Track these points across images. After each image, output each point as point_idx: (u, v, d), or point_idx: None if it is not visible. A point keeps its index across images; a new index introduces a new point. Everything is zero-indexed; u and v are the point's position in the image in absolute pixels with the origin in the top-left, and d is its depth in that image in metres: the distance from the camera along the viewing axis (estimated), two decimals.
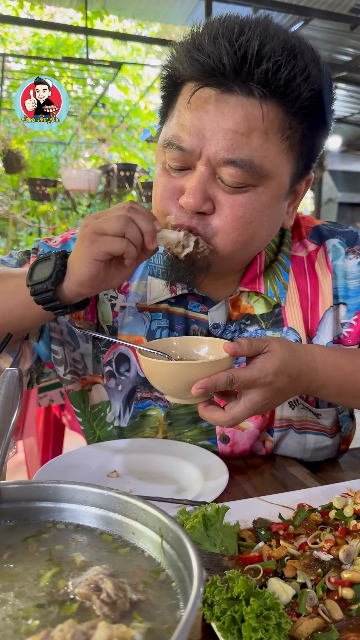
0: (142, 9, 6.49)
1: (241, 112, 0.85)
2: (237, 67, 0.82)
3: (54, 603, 0.44)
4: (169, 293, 1.09)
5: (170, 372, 0.86)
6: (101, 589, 0.44)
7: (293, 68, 0.83)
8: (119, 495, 0.53)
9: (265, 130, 0.86)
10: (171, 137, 0.90)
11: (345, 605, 0.64)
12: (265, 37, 0.83)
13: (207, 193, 0.89)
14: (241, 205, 0.90)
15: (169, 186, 0.93)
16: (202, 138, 0.87)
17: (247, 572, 0.68)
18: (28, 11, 7.04)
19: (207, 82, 0.85)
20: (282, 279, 1.09)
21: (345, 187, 12.11)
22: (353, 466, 1.14)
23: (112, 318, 1.13)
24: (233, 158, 0.86)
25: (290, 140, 0.90)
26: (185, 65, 0.87)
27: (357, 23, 6.45)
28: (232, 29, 0.83)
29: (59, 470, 0.99)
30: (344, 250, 1.12)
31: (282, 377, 0.86)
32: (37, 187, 6.48)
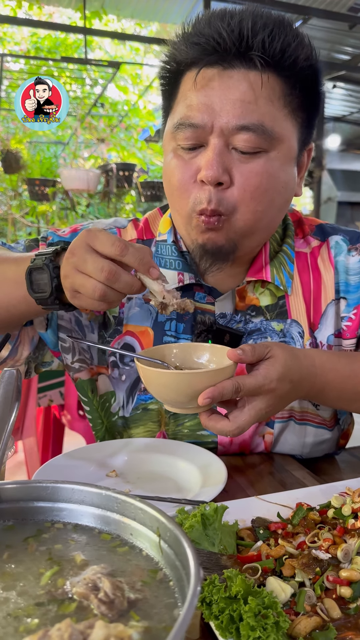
0: (140, 9, 6.49)
1: (245, 83, 0.91)
2: (236, 41, 0.89)
3: (53, 602, 0.45)
4: (176, 283, 1.10)
5: (171, 381, 0.83)
6: (99, 588, 0.44)
7: (286, 36, 0.91)
8: (116, 494, 0.53)
9: (269, 97, 0.92)
10: (181, 119, 0.94)
11: (344, 604, 0.64)
12: (256, 16, 0.91)
13: (224, 164, 0.93)
14: (257, 174, 0.93)
15: (184, 169, 0.96)
16: (211, 112, 0.91)
17: (246, 571, 0.68)
18: (26, 11, 7.04)
19: (209, 61, 0.91)
20: (288, 268, 1.12)
21: (345, 186, 12.12)
22: (352, 465, 1.14)
23: (119, 309, 1.15)
24: (245, 123, 0.91)
25: (291, 106, 0.96)
26: (186, 50, 0.93)
27: (356, 22, 6.45)
28: (225, 14, 0.91)
29: (58, 469, 0.99)
30: (346, 247, 1.15)
31: (284, 383, 0.86)
32: (36, 187, 6.49)
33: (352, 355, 1.01)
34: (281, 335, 1.10)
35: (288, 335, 1.10)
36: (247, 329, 1.10)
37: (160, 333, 1.12)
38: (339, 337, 1.13)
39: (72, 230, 1.19)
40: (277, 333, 1.10)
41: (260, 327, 1.10)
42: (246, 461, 1.10)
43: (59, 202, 7.07)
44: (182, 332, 1.11)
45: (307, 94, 0.98)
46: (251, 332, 1.10)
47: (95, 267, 0.80)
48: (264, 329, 1.10)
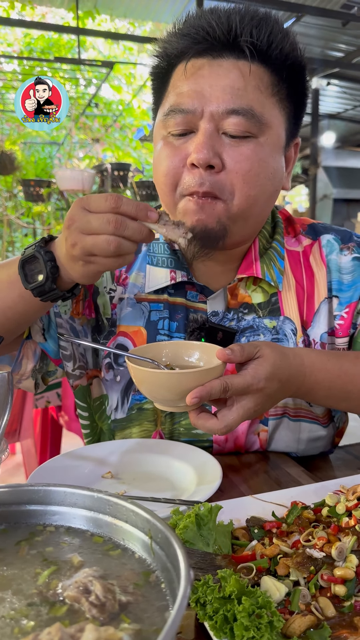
0: (133, 8, 6.49)
1: (234, 71, 0.94)
2: (225, 31, 0.93)
3: (45, 603, 0.45)
4: (168, 280, 1.10)
5: (161, 381, 0.84)
6: (90, 591, 0.44)
7: (272, 28, 0.94)
8: (108, 497, 0.53)
9: (257, 85, 0.95)
10: (171, 106, 0.96)
11: (338, 602, 0.64)
12: (244, 11, 0.95)
13: (214, 147, 0.94)
14: (248, 158, 0.95)
15: (173, 154, 0.97)
16: (202, 97, 0.94)
17: (240, 571, 0.68)
18: (19, 12, 7.02)
19: (199, 50, 0.94)
20: (278, 265, 1.12)
21: (340, 183, 12.13)
22: (347, 463, 1.14)
23: (111, 310, 1.15)
24: (235, 107, 0.93)
25: (279, 95, 0.98)
26: (176, 41, 0.96)
27: (349, 19, 6.44)
28: (215, 9, 0.96)
29: (53, 471, 0.99)
30: (338, 246, 1.16)
31: (273, 383, 0.87)
32: (31, 188, 6.47)
33: (341, 354, 1.02)
34: (274, 333, 1.10)
35: (281, 333, 1.10)
36: (240, 327, 1.10)
37: (153, 332, 1.12)
38: (332, 335, 1.13)
39: None
40: (269, 330, 1.10)
41: (252, 324, 1.10)
42: (241, 460, 1.10)
43: (55, 203, 7.06)
44: (175, 330, 1.12)
45: (293, 87, 1.00)
46: (244, 329, 1.10)
47: (101, 222, 0.80)
48: (257, 326, 1.10)
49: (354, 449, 1.21)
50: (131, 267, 1.16)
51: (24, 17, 7.13)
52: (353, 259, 1.14)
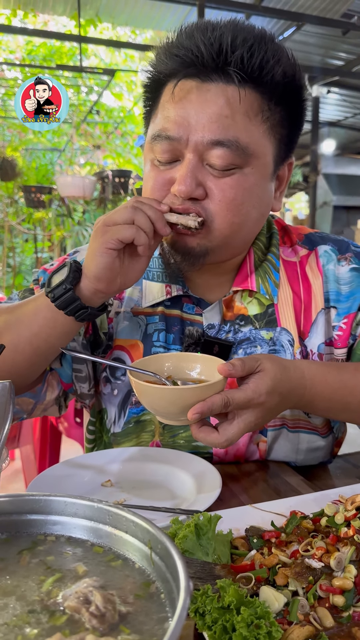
0: (135, 16, 6.54)
1: (222, 97, 0.90)
2: (215, 55, 0.89)
3: (45, 613, 0.45)
4: (164, 295, 1.11)
5: (163, 395, 0.85)
6: (90, 602, 0.44)
7: (265, 52, 0.90)
8: (108, 507, 0.54)
9: (246, 112, 0.92)
10: (158, 130, 0.95)
11: (337, 613, 0.64)
12: (236, 30, 0.90)
13: (197, 179, 0.93)
14: (232, 187, 0.94)
15: (159, 179, 0.97)
16: (187, 125, 0.91)
17: (239, 581, 0.68)
18: (21, 19, 7.07)
19: (187, 73, 0.91)
20: (273, 278, 1.12)
21: (340, 190, 12.17)
22: (346, 472, 1.15)
23: (108, 324, 1.16)
24: (220, 138, 0.91)
25: (270, 122, 0.95)
26: (166, 61, 0.94)
27: (349, 28, 6.49)
28: (206, 27, 0.91)
29: (53, 480, 0.99)
30: (335, 257, 1.16)
31: (274, 396, 0.87)
32: (32, 194, 6.50)
33: (341, 366, 1.02)
34: (271, 344, 1.10)
35: (278, 344, 1.10)
36: (237, 339, 1.10)
37: (149, 345, 1.12)
38: (330, 346, 1.13)
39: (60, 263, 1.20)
40: (266, 342, 1.10)
41: (249, 336, 1.10)
42: (241, 469, 1.10)
43: (55, 209, 7.08)
44: (172, 342, 1.12)
45: (288, 110, 0.97)
46: (241, 341, 1.10)
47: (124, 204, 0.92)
48: (253, 338, 1.10)
49: (353, 458, 1.21)
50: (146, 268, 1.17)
51: (26, 25, 7.18)
52: (351, 269, 1.14)
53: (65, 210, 7.06)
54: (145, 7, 6.23)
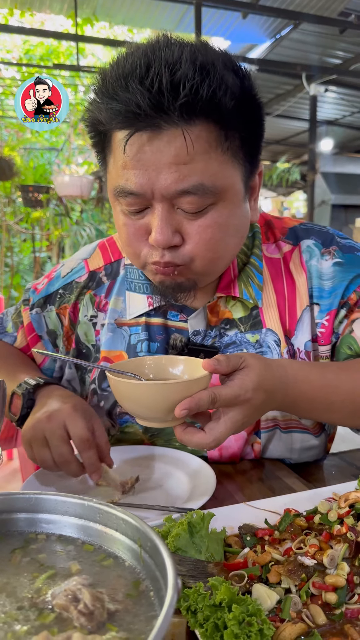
0: (132, 15, 6.53)
1: (176, 143, 0.85)
2: (157, 104, 0.81)
3: (34, 611, 0.45)
4: (146, 306, 1.11)
5: (145, 393, 0.81)
6: (79, 600, 0.44)
7: (210, 85, 0.82)
8: (99, 505, 0.53)
9: (204, 151, 0.86)
10: (120, 186, 0.90)
11: (329, 610, 0.64)
12: (174, 63, 0.81)
13: (173, 226, 0.90)
14: (208, 227, 0.91)
15: (133, 229, 0.94)
16: (148, 179, 0.87)
17: (232, 579, 0.68)
18: (18, 18, 7.06)
19: (135, 128, 0.85)
20: (256, 281, 1.10)
21: (338, 189, 12.17)
22: (341, 469, 1.14)
23: (95, 337, 1.16)
24: (185, 187, 0.87)
25: (231, 150, 0.90)
26: (107, 117, 0.87)
27: (346, 26, 6.49)
28: (139, 66, 0.82)
29: (48, 478, 0.99)
30: (318, 251, 1.13)
31: (259, 393, 0.85)
32: (29, 193, 6.50)
33: (324, 365, 1.01)
34: (257, 346, 1.09)
35: (264, 345, 1.09)
36: (223, 343, 1.09)
37: (133, 355, 1.12)
38: (315, 343, 1.12)
39: (49, 280, 1.24)
40: (252, 345, 1.09)
41: (235, 339, 1.09)
42: (236, 467, 1.10)
43: (53, 209, 7.08)
44: (156, 351, 1.11)
45: (246, 128, 0.92)
46: (227, 345, 1.09)
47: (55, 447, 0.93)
48: (239, 342, 1.09)
49: (348, 456, 1.21)
50: (110, 292, 1.16)
51: (23, 24, 7.18)
52: (334, 264, 1.11)
53: (63, 209, 7.05)
54: (142, 6, 6.22)
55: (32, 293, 1.23)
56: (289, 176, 10.91)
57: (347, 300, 1.09)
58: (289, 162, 12.43)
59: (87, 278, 1.19)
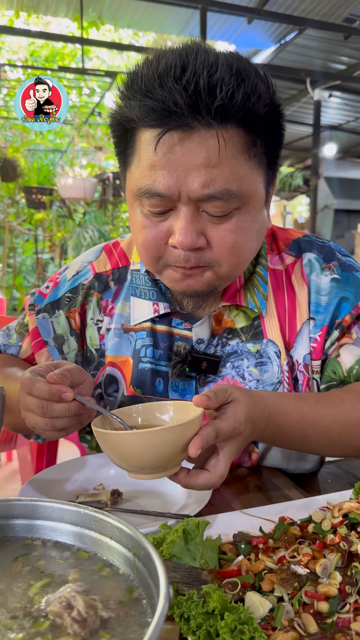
0: (137, 19, 6.55)
1: (207, 145, 0.85)
2: (193, 104, 0.82)
3: (29, 618, 0.46)
4: (151, 313, 1.11)
5: (140, 442, 0.75)
6: (73, 607, 0.45)
7: (245, 91, 0.84)
8: (94, 513, 0.54)
9: (233, 155, 0.87)
10: (146, 186, 0.89)
11: (321, 619, 0.65)
12: (211, 66, 0.82)
13: (197, 228, 0.91)
14: (232, 232, 0.92)
15: (154, 231, 0.94)
16: (177, 180, 0.87)
17: (225, 586, 0.69)
18: (25, 20, 7.10)
19: (168, 127, 0.85)
20: (262, 290, 1.11)
21: (341, 194, 12.18)
22: (337, 477, 1.15)
23: (99, 341, 1.16)
24: (212, 192, 0.87)
25: (257, 157, 0.92)
26: (140, 114, 0.86)
27: (351, 32, 6.51)
28: (175, 66, 0.82)
29: (45, 483, 1.00)
30: (319, 266, 1.14)
31: (249, 424, 0.86)
32: (33, 195, 6.52)
33: (302, 397, 1.01)
34: (257, 356, 1.10)
35: (265, 356, 1.09)
36: (224, 352, 1.10)
37: (137, 360, 1.12)
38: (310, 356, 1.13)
39: (54, 285, 1.23)
40: (253, 355, 1.10)
41: (236, 349, 1.10)
42: (233, 474, 1.11)
43: (56, 210, 7.10)
44: (159, 358, 1.12)
45: (269, 137, 0.94)
46: (228, 354, 1.10)
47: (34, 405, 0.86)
48: (240, 351, 1.10)
49: (345, 464, 1.22)
50: (117, 297, 1.16)
51: (29, 26, 7.21)
52: (331, 280, 1.12)
53: (65, 211, 7.08)
54: (147, 10, 6.24)
55: (39, 298, 1.23)
56: (291, 181, 10.93)
57: (342, 322, 1.10)
58: (292, 166, 12.44)
59: (93, 279, 1.18)
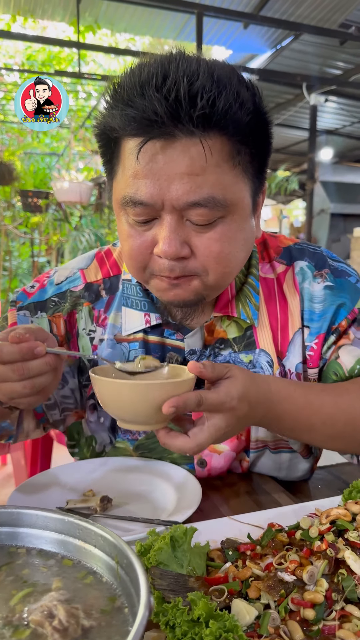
0: (134, 23, 6.58)
1: (190, 153, 0.85)
2: (174, 112, 0.81)
3: (9, 627, 0.46)
4: (143, 324, 1.10)
5: (130, 392, 0.81)
6: (54, 616, 0.45)
7: (227, 98, 0.83)
8: (78, 521, 0.54)
9: (217, 163, 0.87)
10: (129, 195, 0.89)
11: (307, 626, 0.65)
12: (192, 74, 0.82)
13: (181, 237, 0.90)
14: (217, 241, 0.91)
15: (139, 241, 0.93)
16: (160, 188, 0.86)
17: (212, 593, 0.69)
18: (21, 24, 7.11)
19: (150, 135, 0.84)
20: (253, 301, 1.10)
21: (337, 198, 12.22)
22: (328, 483, 1.15)
23: (92, 352, 1.15)
24: (196, 199, 0.86)
25: (242, 165, 0.91)
26: (121, 123, 0.86)
27: (347, 38, 6.55)
28: (156, 75, 0.82)
29: (35, 489, 1.00)
30: (311, 274, 1.13)
31: (243, 404, 0.86)
32: (29, 198, 6.52)
33: (307, 386, 1.02)
34: (250, 367, 1.09)
35: (257, 366, 1.09)
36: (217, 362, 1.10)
37: None
38: (305, 365, 1.12)
39: (40, 286, 1.20)
40: (245, 365, 1.09)
41: (229, 359, 1.09)
42: (223, 480, 1.11)
43: (52, 214, 7.10)
44: None
45: (256, 144, 0.92)
46: None
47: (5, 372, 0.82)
48: (233, 362, 1.09)
49: (335, 469, 1.22)
50: (109, 307, 1.15)
51: (26, 30, 7.22)
52: (325, 287, 1.12)
53: (61, 214, 7.08)
54: (144, 15, 6.27)
55: (22, 296, 1.20)
56: (287, 185, 10.96)
57: (338, 327, 1.10)
58: (288, 170, 12.49)
59: (83, 289, 1.17)
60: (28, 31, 7.11)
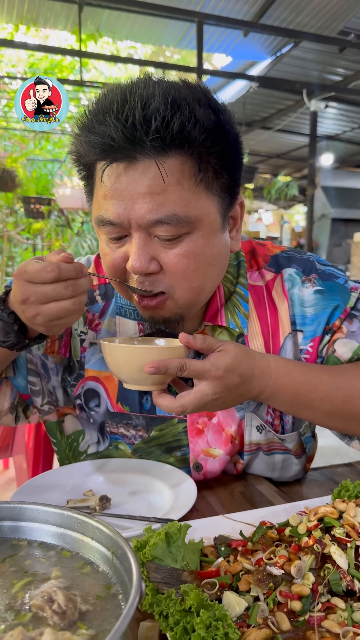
0: (135, 32, 6.65)
1: (150, 174, 0.89)
2: (130, 137, 0.86)
3: (12, 612, 0.49)
4: (137, 333, 1.14)
5: (126, 355, 0.93)
6: (54, 600, 0.49)
7: (180, 119, 0.86)
8: (77, 515, 0.58)
9: (177, 181, 0.90)
10: (99, 216, 0.95)
11: (294, 617, 0.69)
12: (148, 98, 0.86)
13: (149, 254, 0.94)
14: (183, 257, 0.94)
15: (114, 256, 0.98)
16: (125, 208, 0.91)
17: (204, 586, 0.73)
18: (24, 33, 7.18)
19: (112, 159, 0.89)
20: (242, 310, 1.13)
21: (338, 203, 12.29)
22: (320, 484, 1.19)
23: (80, 353, 1.18)
24: (159, 217, 0.90)
25: (205, 182, 0.93)
26: (85, 149, 0.92)
27: (346, 45, 6.61)
28: (116, 102, 0.87)
29: (36, 489, 1.03)
30: (299, 280, 1.16)
31: (233, 375, 0.92)
32: (31, 205, 6.58)
33: (307, 364, 1.06)
34: None
35: None
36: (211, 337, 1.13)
37: None
38: None
39: None
40: None
41: None
42: (218, 480, 1.15)
43: (55, 220, 7.16)
44: None
45: (221, 159, 0.94)
46: None
47: (59, 290, 0.86)
48: None
49: (328, 471, 1.25)
50: (104, 313, 1.19)
51: (28, 39, 7.30)
52: (315, 292, 1.14)
53: (64, 220, 7.14)
54: (145, 23, 6.34)
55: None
56: (288, 190, 11.01)
57: (332, 327, 1.13)
58: (289, 175, 12.54)
59: None
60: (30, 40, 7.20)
